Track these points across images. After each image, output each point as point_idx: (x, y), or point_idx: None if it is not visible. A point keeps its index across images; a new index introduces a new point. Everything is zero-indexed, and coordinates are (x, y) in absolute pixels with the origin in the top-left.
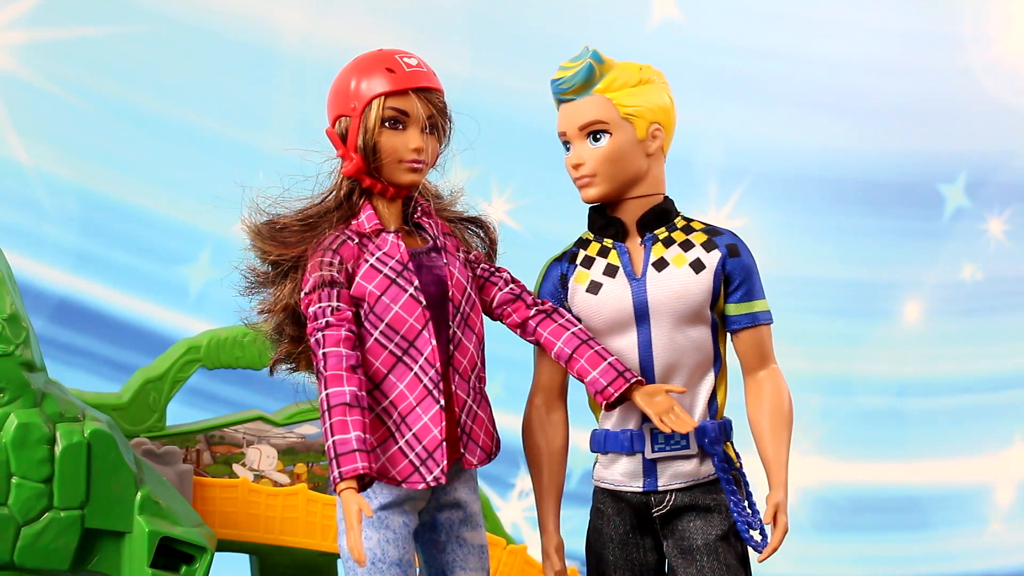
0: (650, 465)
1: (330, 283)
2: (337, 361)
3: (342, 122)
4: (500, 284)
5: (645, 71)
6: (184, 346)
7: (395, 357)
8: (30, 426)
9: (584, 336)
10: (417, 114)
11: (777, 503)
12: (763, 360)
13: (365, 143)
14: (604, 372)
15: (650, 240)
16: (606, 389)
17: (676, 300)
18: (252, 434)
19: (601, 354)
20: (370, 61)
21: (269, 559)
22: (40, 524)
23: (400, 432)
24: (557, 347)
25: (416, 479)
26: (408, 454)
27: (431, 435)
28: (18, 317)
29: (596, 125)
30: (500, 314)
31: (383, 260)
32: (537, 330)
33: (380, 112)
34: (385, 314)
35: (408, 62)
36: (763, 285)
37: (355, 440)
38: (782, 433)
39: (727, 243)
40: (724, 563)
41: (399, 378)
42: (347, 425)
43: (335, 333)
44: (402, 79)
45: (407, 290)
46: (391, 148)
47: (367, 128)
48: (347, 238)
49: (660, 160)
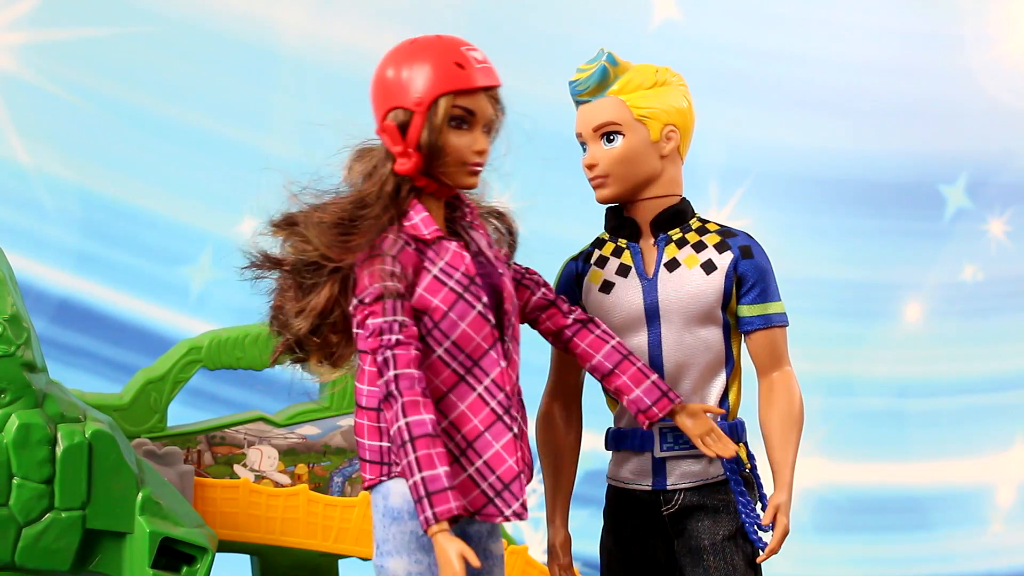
0: (659, 464)
1: (395, 295)
2: (411, 384)
3: (399, 114)
4: (533, 288)
5: (661, 73)
6: (185, 347)
7: (457, 376)
8: (31, 427)
9: (624, 351)
10: (484, 114)
11: (778, 504)
12: (776, 362)
13: (431, 142)
14: (648, 391)
15: (663, 241)
16: (650, 409)
17: (687, 300)
18: (253, 435)
19: (644, 371)
20: (432, 50)
21: (270, 560)
22: (41, 525)
23: (467, 458)
24: (596, 360)
25: (492, 511)
26: (480, 483)
27: (506, 465)
28: (19, 318)
29: (609, 126)
30: (533, 319)
31: (447, 271)
32: (574, 340)
33: (448, 110)
34: (452, 331)
35: (476, 57)
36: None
37: (445, 477)
38: (790, 435)
39: (740, 244)
40: (731, 564)
41: (460, 398)
42: (433, 460)
43: (406, 352)
44: (473, 76)
45: (475, 307)
46: (457, 149)
47: (433, 126)
48: (405, 243)
49: (676, 161)
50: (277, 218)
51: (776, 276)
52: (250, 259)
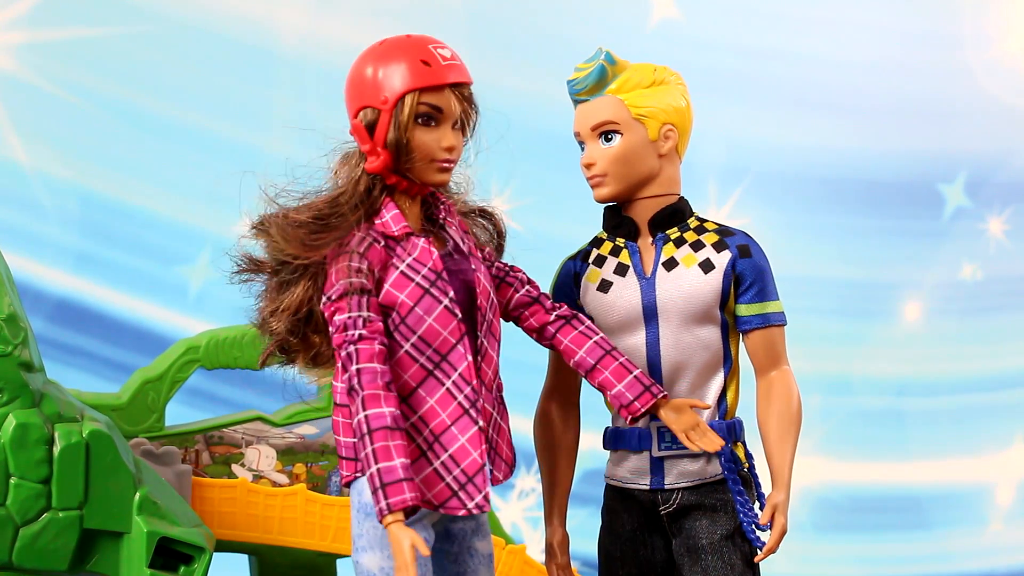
0: (657, 463)
1: (360, 291)
2: (372, 378)
3: (368, 113)
4: (516, 285)
5: (659, 72)
6: (183, 346)
7: (426, 371)
8: (28, 426)
9: (607, 346)
10: (451, 110)
11: (776, 504)
12: (774, 361)
13: (397, 139)
14: (630, 386)
15: (661, 240)
16: (632, 404)
17: (684, 300)
18: (251, 434)
19: (626, 366)
20: (400, 49)
21: (268, 559)
22: (38, 524)
23: (434, 452)
24: (578, 356)
25: (455, 504)
26: (445, 477)
27: (470, 458)
28: (16, 317)
29: (607, 126)
30: (517, 317)
31: (414, 267)
32: (556, 336)
33: (414, 108)
34: (418, 326)
35: (443, 54)
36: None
37: (400, 468)
38: (788, 435)
39: (738, 244)
40: (728, 563)
41: (429, 393)
42: (390, 451)
43: (369, 347)
44: (439, 73)
45: (442, 301)
46: (424, 146)
47: (400, 124)
48: (373, 240)
49: (674, 161)
50: (256, 220)
51: (775, 275)
52: (238, 263)
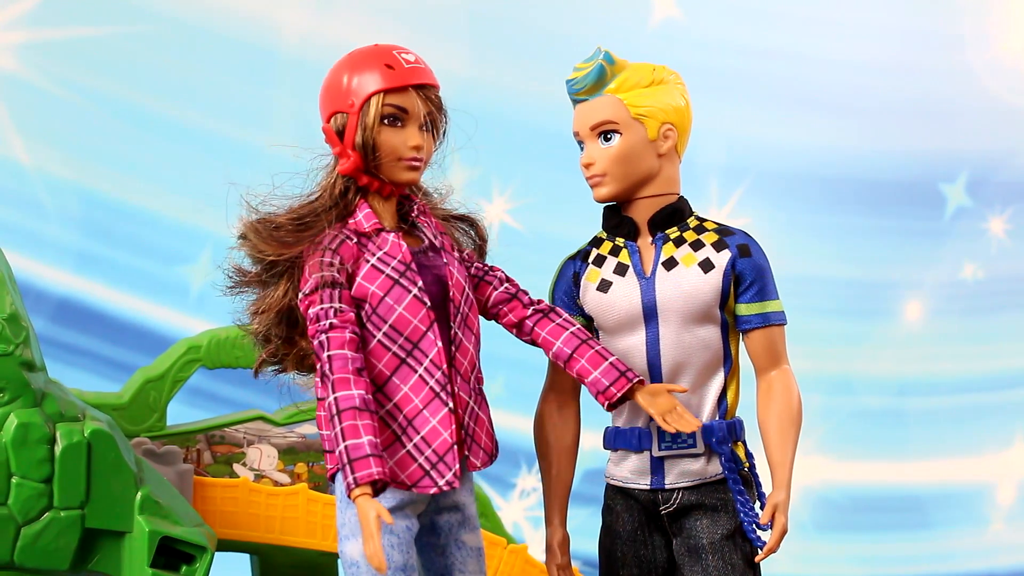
0: (657, 463)
1: (331, 284)
2: (343, 364)
3: (338, 119)
4: (495, 283)
5: (659, 72)
6: (184, 346)
7: (399, 359)
8: (30, 426)
9: (583, 336)
10: (416, 111)
11: (776, 503)
12: (774, 360)
13: (364, 140)
14: (606, 372)
15: (661, 239)
16: (608, 389)
17: (684, 299)
18: (252, 434)
19: (602, 353)
20: (367, 57)
21: (270, 559)
22: (40, 524)
23: (407, 435)
24: (556, 347)
25: (427, 483)
26: (417, 458)
27: (441, 438)
28: (18, 317)
29: (606, 125)
30: (496, 313)
31: (384, 260)
32: (535, 330)
33: (379, 109)
34: (388, 315)
35: (406, 58)
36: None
37: (368, 445)
38: (788, 434)
39: (738, 243)
40: (729, 563)
41: (403, 380)
42: (358, 429)
43: (339, 335)
44: (401, 75)
45: (411, 291)
46: (390, 146)
47: (366, 125)
48: (346, 237)
49: (673, 160)
50: (237, 230)
51: (775, 275)
52: (230, 277)
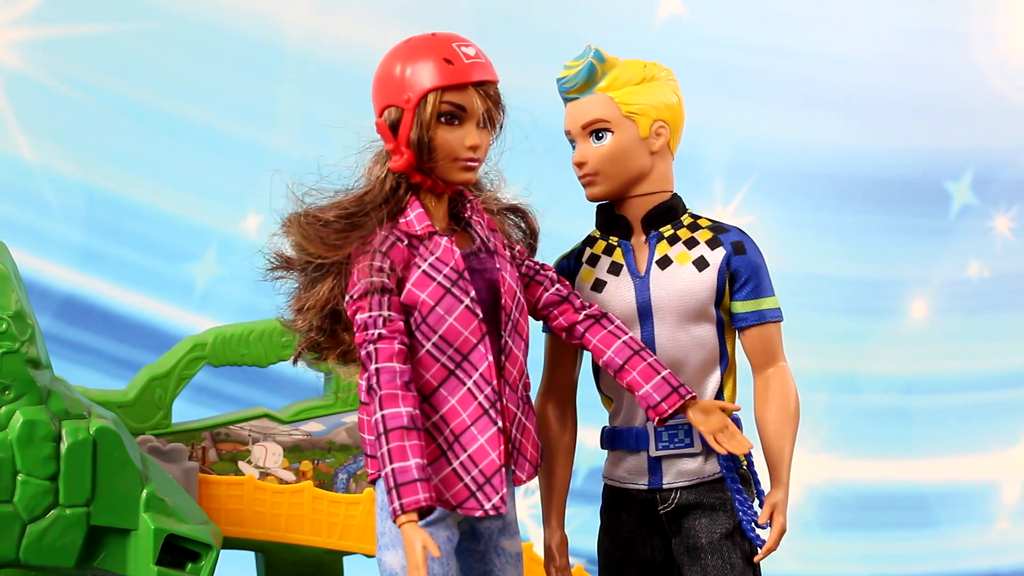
0: (654, 463)
1: (381, 290)
2: (391, 378)
3: (391, 112)
4: (546, 284)
5: (650, 68)
6: (190, 343)
7: (447, 370)
8: (36, 423)
9: (636, 346)
10: (475, 109)
11: (775, 502)
12: (771, 358)
13: (419, 138)
14: (657, 387)
15: (655, 238)
16: (660, 405)
17: (679, 298)
18: (258, 431)
19: (654, 367)
20: (425, 48)
21: (275, 557)
22: (45, 521)
23: (453, 452)
24: (607, 356)
25: (473, 505)
26: (463, 477)
27: (489, 459)
28: (23, 314)
29: (598, 124)
30: (546, 316)
31: (436, 266)
32: (586, 336)
33: (436, 106)
34: (439, 325)
35: (466, 52)
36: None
37: (415, 468)
38: (786, 432)
39: (732, 241)
40: (728, 562)
41: (451, 392)
42: (406, 451)
43: (388, 347)
44: (461, 72)
45: (463, 301)
46: (447, 145)
47: (422, 123)
48: (396, 239)
49: (666, 158)
50: (284, 219)
51: (780, 272)
52: (269, 261)
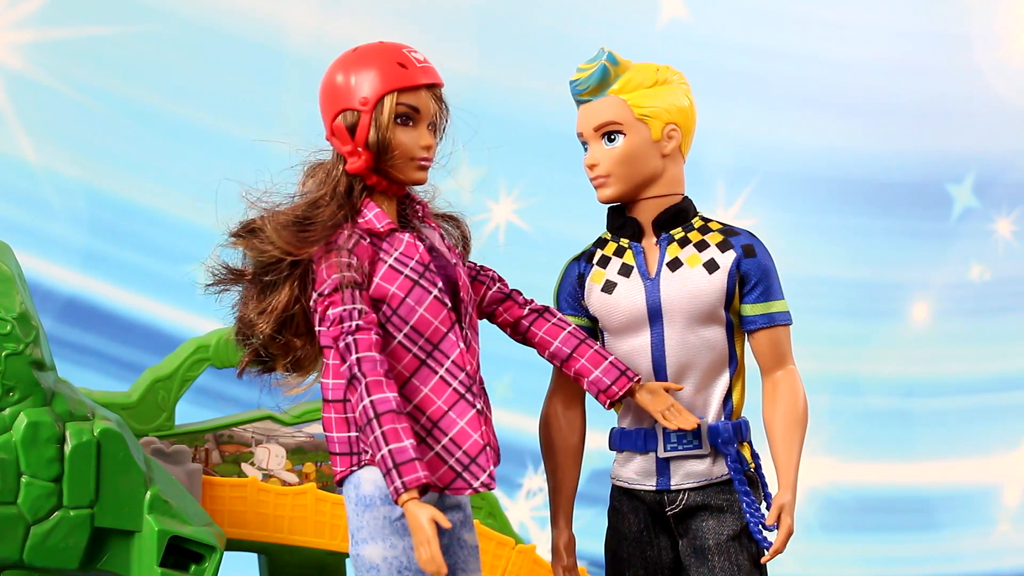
0: (663, 464)
1: (353, 284)
2: (373, 366)
3: (347, 116)
4: (488, 283)
5: (662, 72)
6: (193, 345)
7: (419, 360)
8: (40, 425)
9: (580, 335)
10: (428, 110)
11: (782, 504)
12: (780, 360)
13: (378, 140)
14: (607, 371)
15: (665, 240)
16: (610, 388)
17: (689, 300)
18: (261, 433)
19: (601, 353)
20: (376, 54)
21: (278, 558)
22: (49, 523)
23: (433, 437)
24: (554, 346)
25: (461, 485)
26: (447, 460)
27: (471, 440)
28: (28, 316)
29: (610, 126)
30: (491, 313)
31: (402, 260)
32: (531, 329)
33: (393, 108)
34: (410, 316)
35: (416, 57)
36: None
37: (411, 448)
38: (794, 435)
39: (743, 243)
40: (735, 564)
41: (423, 382)
42: (399, 433)
43: (366, 337)
44: (415, 75)
45: (431, 292)
46: (403, 145)
47: (380, 124)
48: (359, 237)
49: (678, 160)
50: (236, 227)
51: (782, 275)
52: (214, 274)
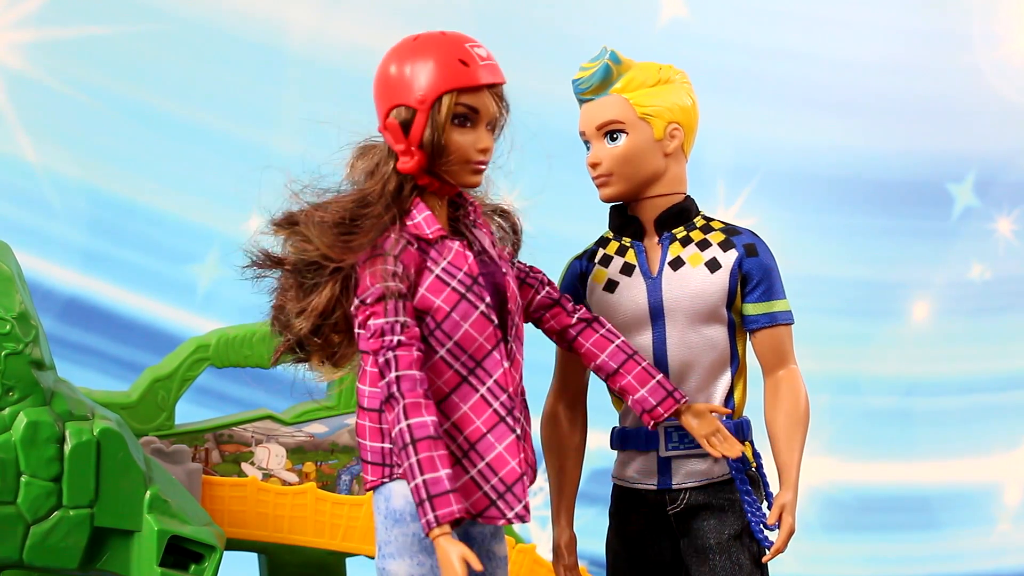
0: (664, 463)
1: (397, 295)
2: (412, 386)
3: (402, 112)
4: (537, 287)
5: (665, 71)
6: (193, 345)
7: (460, 376)
8: (39, 424)
9: (629, 350)
10: (488, 111)
11: (784, 504)
12: (781, 360)
13: (434, 141)
14: (653, 391)
15: (667, 239)
16: (655, 409)
17: (691, 299)
18: (261, 433)
19: (648, 371)
20: (437, 47)
21: (278, 558)
22: (49, 523)
23: (470, 460)
24: (600, 359)
25: (494, 514)
26: (482, 485)
27: (509, 467)
28: (27, 316)
29: (612, 125)
30: (537, 319)
31: (450, 271)
32: (578, 339)
33: (451, 108)
34: (454, 332)
35: (480, 53)
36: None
37: (447, 479)
38: (795, 434)
39: (745, 243)
40: (736, 563)
41: (463, 399)
42: (435, 462)
43: (407, 354)
44: (477, 74)
45: (478, 307)
46: (460, 148)
47: (436, 124)
48: (407, 242)
49: (680, 160)
50: (278, 217)
51: (783, 274)
52: (251, 258)
